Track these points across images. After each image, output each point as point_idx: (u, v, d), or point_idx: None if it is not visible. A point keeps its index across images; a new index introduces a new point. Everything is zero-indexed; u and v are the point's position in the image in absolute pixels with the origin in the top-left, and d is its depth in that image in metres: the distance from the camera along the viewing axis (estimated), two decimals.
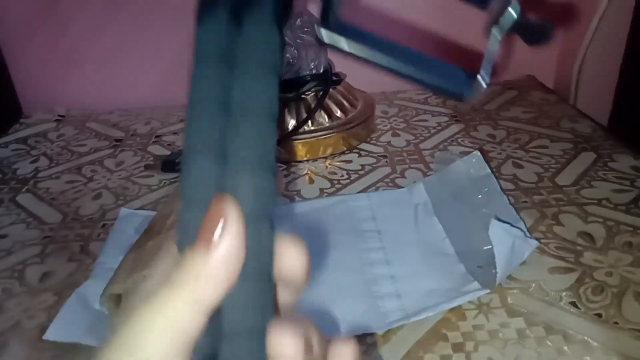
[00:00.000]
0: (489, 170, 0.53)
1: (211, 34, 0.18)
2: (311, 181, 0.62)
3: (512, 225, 0.45)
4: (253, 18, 0.19)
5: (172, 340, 0.16)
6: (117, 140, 0.75)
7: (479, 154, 0.54)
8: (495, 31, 0.21)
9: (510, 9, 0.21)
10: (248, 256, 0.17)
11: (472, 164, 0.54)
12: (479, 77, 0.21)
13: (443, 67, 0.22)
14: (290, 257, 0.19)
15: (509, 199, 0.52)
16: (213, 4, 0.19)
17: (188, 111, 0.18)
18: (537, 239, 0.48)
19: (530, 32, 0.22)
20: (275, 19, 0.19)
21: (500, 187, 0.53)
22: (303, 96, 0.67)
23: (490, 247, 0.43)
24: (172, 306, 0.16)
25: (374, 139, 0.71)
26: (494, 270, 0.41)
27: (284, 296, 0.20)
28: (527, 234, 0.48)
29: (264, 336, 0.17)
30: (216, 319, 0.17)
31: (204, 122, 0.18)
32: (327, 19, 0.21)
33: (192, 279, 0.16)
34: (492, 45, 0.21)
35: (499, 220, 0.44)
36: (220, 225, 0.16)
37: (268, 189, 0.18)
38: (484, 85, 0.21)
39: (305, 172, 0.64)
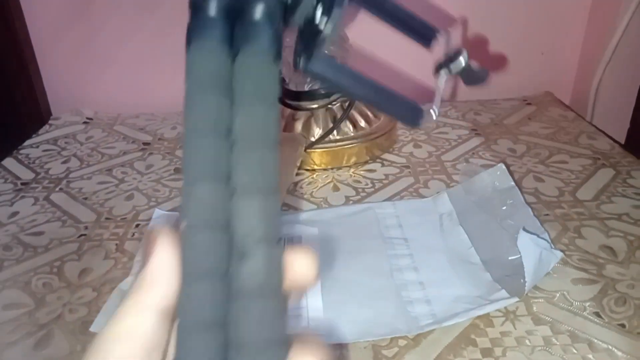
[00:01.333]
0: (513, 183, 0.55)
1: (206, 60, 0.19)
2: (336, 188, 0.63)
3: (538, 236, 0.46)
4: (251, 49, 0.19)
5: (133, 343, 0.18)
6: (145, 143, 0.77)
7: (503, 166, 0.56)
8: (444, 73, 0.27)
9: (461, 58, 0.27)
10: (260, 274, 0.18)
11: (497, 176, 0.55)
12: (431, 110, 0.27)
13: (404, 101, 0.27)
14: (300, 268, 0.20)
15: (532, 211, 0.54)
16: (206, 26, 0.19)
17: (186, 139, 0.18)
18: (561, 251, 0.49)
19: (470, 76, 0.29)
20: (273, 51, 0.19)
21: (525, 200, 0.54)
22: (330, 106, 0.69)
23: (516, 257, 0.45)
24: (127, 312, 0.19)
25: (396, 149, 0.73)
26: (522, 280, 0.43)
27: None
28: (552, 245, 0.49)
29: (277, 347, 0.18)
30: (223, 334, 0.18)
31: (204, 149, 0.18)
32: (309, 51, 0.23)
33: (136, 288, 0.19)
34: (441, 84, 0.28)
35: (526, 231, 0.45)
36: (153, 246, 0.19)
37: (273, 212, 0.19)
38: (434, 116, 0.27)
39: (330, 179, 0.66)
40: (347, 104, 0.69)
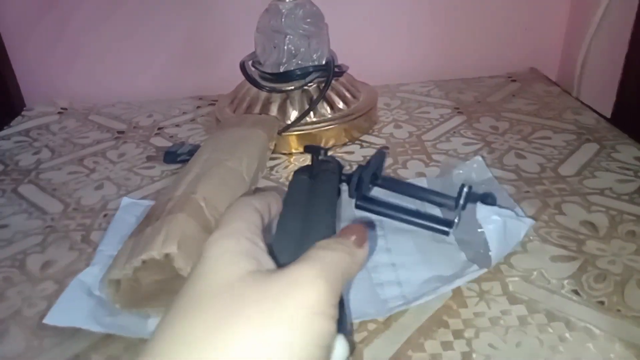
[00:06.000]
0: (491, 175, 0.53)
1: (297, 187, 0.38)
2: None
3: (499, 207, 0.44)
4: (325, 176, 0.40)
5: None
6: (119, 132, 0.75)
7: (480, 158, 0.54)
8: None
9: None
10: None
11: (474, 169, 0.53)
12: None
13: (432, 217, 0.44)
14: None
15: (508, 192, 0.52)
16: (301, 170, 0.42)
17: (276, 234, 0.31)
18: (540, 228, 0.48)
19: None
20: (336, 175, 0.42)
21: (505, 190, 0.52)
22: (305, 87, 0.67)
23: (480, 230, 0.43)
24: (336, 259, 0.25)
25: (376, 130, 0.71)
26: (490, 252, 0.41)
27: None
28: (520, 215, 0.47)
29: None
30: None
31: (287, 240, 0.31)
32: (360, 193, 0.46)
33: (351, 258, 0.26)
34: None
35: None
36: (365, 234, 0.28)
37: None
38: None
39: (307, 162, 0.64)
40: (323, 84, 0.67)
